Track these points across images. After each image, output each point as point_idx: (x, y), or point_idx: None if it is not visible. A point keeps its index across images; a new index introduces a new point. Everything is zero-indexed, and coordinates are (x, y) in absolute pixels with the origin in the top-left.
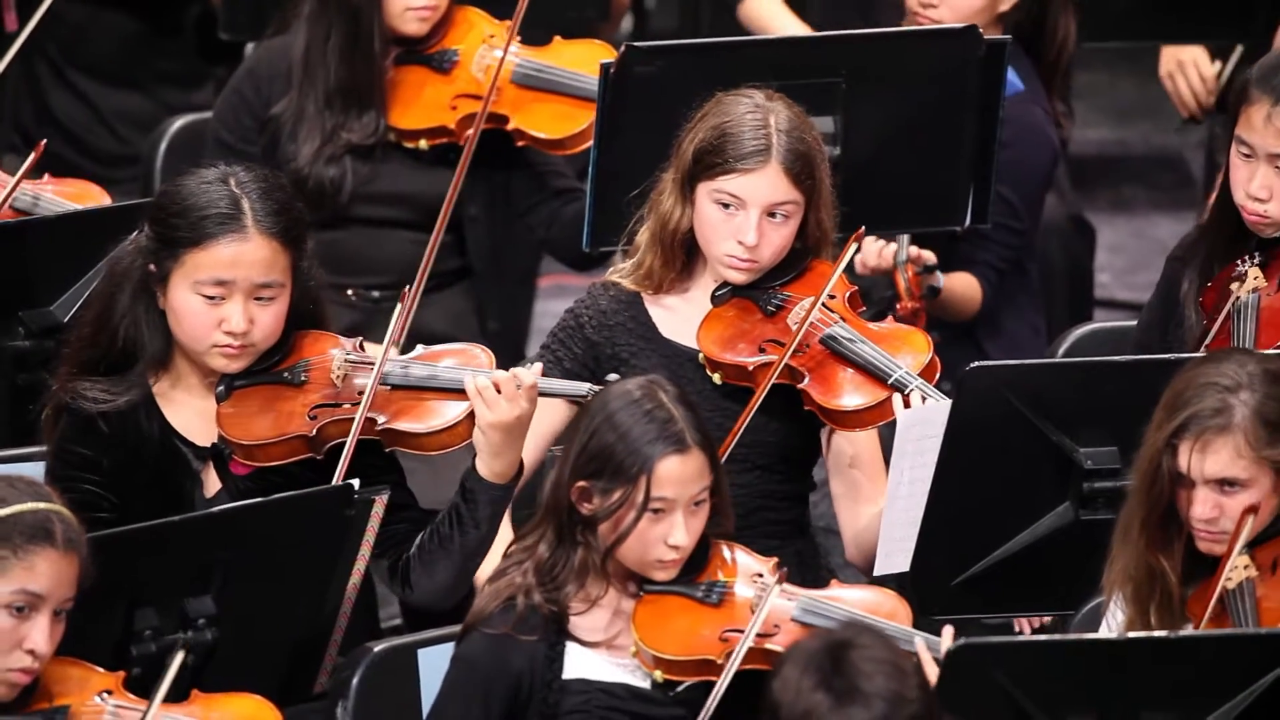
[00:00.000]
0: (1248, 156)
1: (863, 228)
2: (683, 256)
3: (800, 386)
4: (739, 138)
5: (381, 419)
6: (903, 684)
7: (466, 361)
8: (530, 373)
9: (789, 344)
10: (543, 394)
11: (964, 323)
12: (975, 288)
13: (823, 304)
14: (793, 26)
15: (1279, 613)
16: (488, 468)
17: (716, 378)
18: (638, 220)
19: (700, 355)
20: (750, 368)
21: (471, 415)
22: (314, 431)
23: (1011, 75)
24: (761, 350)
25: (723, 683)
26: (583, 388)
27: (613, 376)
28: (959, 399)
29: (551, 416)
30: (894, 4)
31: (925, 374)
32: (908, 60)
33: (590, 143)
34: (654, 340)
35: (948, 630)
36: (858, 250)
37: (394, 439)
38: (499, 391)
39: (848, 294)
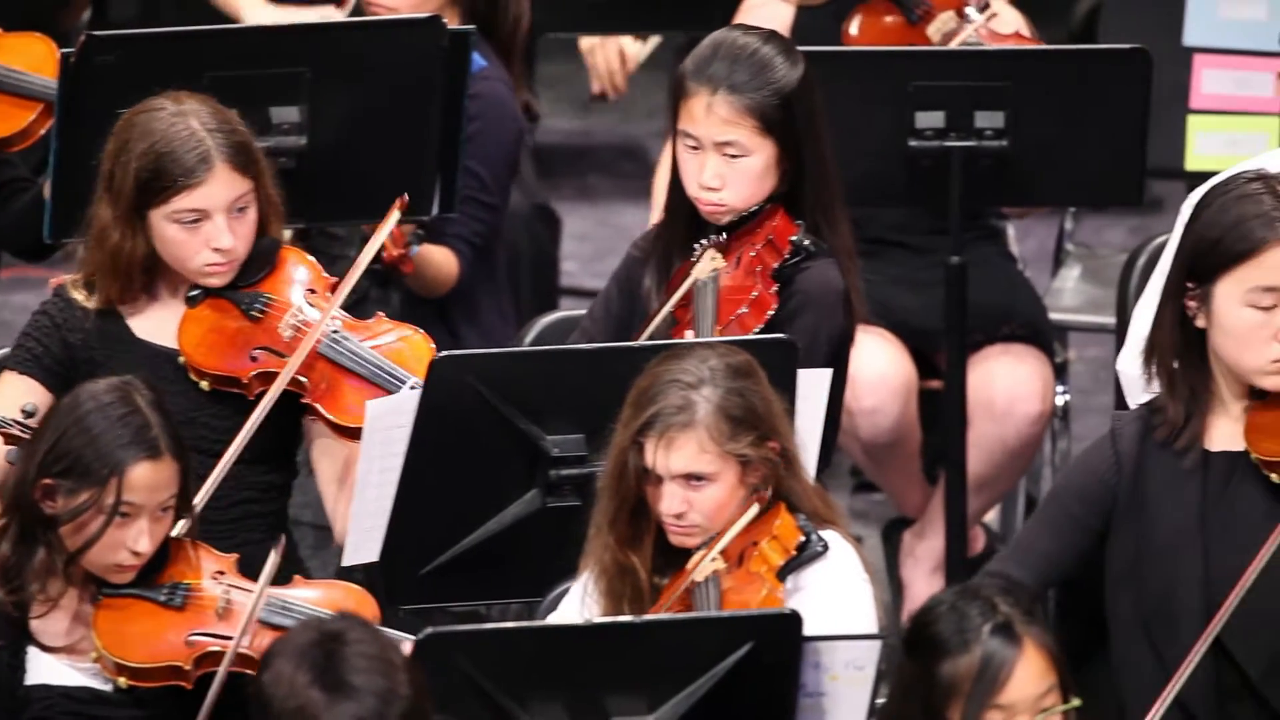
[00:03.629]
0: (695, 149)
1: (405, 195)
2: (143, 275)
3: (306, 400)
4: (176, 155)
5: None
6: (393, 680)
7: None
8: None
9: (291, 359)
10: None
11: (440, 306)
12: (451, 259)
13: (310, 302)
14: (258, 11)
15: (742, 603)
16: None
17: (204, 384)
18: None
19: (183, 359)
20: (245, 379)
21: None
22: None
23: (474, 53)
24: (253, 359)
25: (214, 693)
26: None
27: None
28: (427, 387)
29: None
30: None
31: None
32: (372, 50)
33: (34, 141)
34: (130, 343)
35: None
36: (399, 220)
37: None
38: None
39: (330, 288)
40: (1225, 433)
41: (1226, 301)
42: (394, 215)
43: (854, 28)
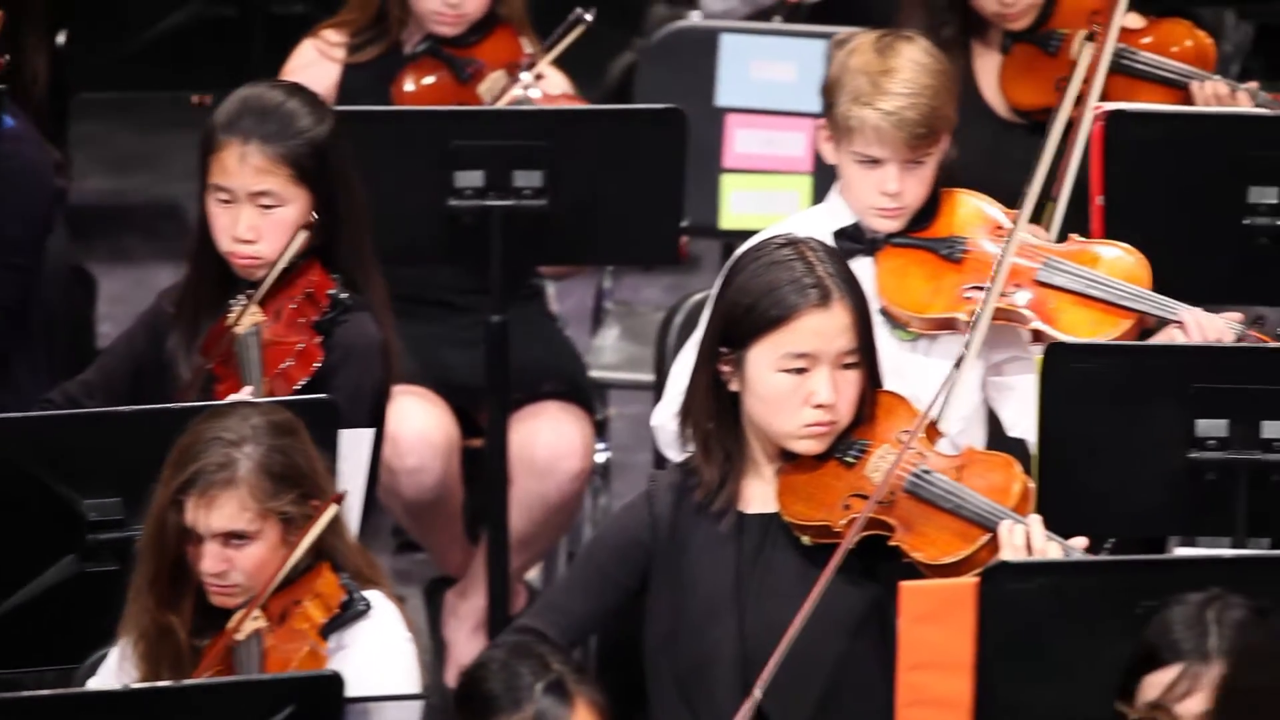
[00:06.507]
0: (227, 202)
1: None
2: None
3: None
4: None
5: None
6: None
7: None
8: None
9: None
10: None
11: None
12: None
13: None
14: None
15: (284, 661)
16: None
17: None
18: None
19: None
20: None
21: None
22: None
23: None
24: None
25: None
26: None
27: None
28: None
29: None
30: None
31: None
32: None
33: None
34: None
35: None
36: None
37: None
38: None
39: None
40: (759, 495)
41: (759, 367)
42: None
43: (405, 86)
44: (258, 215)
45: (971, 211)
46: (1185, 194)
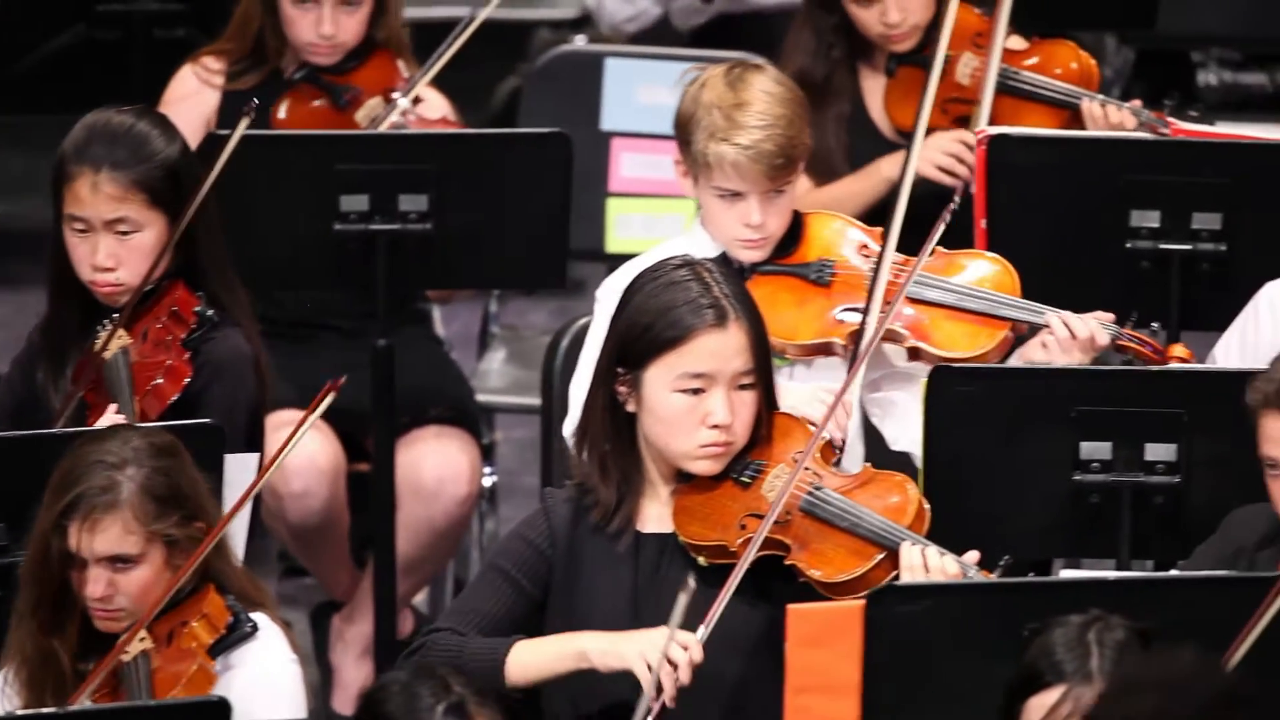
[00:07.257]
0: (84, 232)
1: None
2: None
3: None
4: None
5: None
6: None
7: None
8: None
9: None
10: None
11: None
12: None
13: None
14: None
15: (172, 684)
16: None
17: None
18: None
19: None
20: None
21: None
22: None
23: None
24: None
25: None
26: None
27: None
28: None
29: None
30: None
31: None
32: None
33: None
34: None
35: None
36: None
37: None
38: None
39: None
40: (656, 515)
41: (656, 387)
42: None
43: (282, 112)
44: (116, 242)
45: (835, 232)
46: (1067, 217)
